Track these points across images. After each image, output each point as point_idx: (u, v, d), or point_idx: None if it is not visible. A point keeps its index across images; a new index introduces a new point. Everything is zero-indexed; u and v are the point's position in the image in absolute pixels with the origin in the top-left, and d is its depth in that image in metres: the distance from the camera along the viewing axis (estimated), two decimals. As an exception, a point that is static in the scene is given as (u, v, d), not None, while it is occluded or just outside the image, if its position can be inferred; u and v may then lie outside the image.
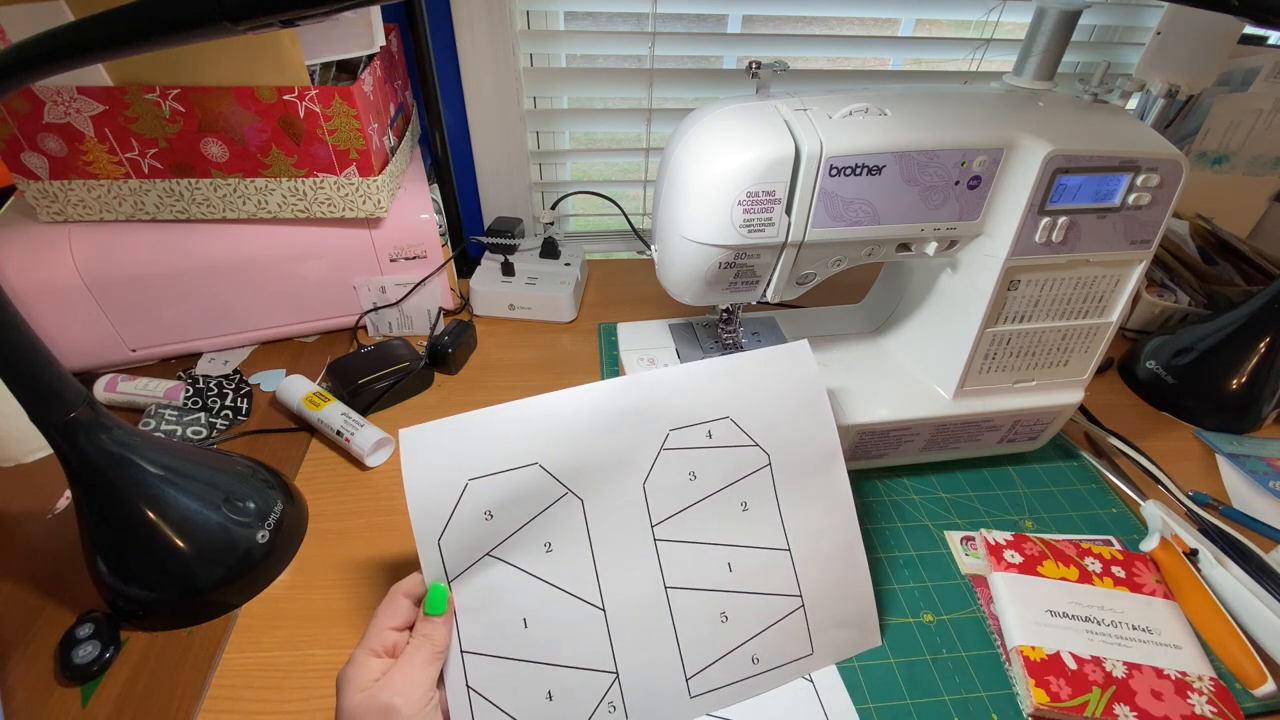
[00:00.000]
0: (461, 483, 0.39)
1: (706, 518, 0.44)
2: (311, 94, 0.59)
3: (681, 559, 0.43)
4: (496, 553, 0.40)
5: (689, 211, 0.48)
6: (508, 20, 0.76)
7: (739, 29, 0.91)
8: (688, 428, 0.44)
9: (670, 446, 0.44)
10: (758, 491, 0.45)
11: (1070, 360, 0.57)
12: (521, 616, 0.40)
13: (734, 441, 0.45)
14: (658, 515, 0.43)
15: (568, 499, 0.42)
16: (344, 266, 0.71)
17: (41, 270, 0.63)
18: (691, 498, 0.44)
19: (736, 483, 0.45)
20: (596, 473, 0.42)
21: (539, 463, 0.41)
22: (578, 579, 0.41)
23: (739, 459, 0.45)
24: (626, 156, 0.94)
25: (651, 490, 0.43)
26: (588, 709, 0.40)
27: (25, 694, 0.44)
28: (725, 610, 0.43)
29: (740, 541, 0.44)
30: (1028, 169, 0.46)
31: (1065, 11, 0.48)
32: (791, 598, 0.45)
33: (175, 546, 0.47)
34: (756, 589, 0.44)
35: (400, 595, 0.38)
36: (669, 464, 0.43)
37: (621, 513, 0.43)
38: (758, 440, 0.45)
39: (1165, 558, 0.52)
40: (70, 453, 0.43)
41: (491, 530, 0.40)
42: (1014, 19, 0.84)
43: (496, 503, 0.40)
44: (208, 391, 0.66)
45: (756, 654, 0.44)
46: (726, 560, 0.44)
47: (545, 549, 0.41)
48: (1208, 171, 0.91)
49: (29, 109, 0.58)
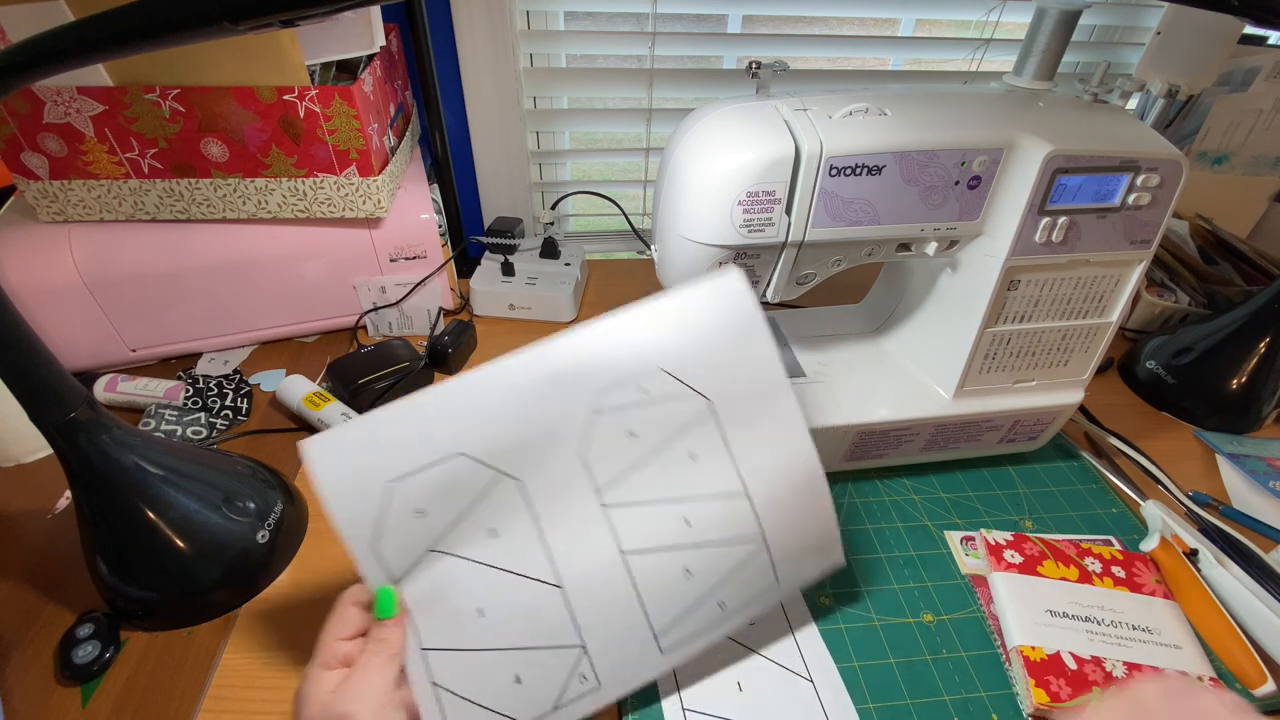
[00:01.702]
0: (383, 485, 0.37)
1: (654, 476, 0.42)
2: (311, 94, 0.59)
3: (634, 522, 0.41)
4: (440, 547, 0.39)
5: (689, 211, 0.48)
6: (508, 20, 0.76)
7: (739, 29, 0.91)
8: (617, 387, 0.41)
9: (602, 409, 0.41)
10: (704, 439, 0.42)
11: (1070, 360, 0.57)
12: (476, 607, 0.39)
13: (670, 392, 0.42)
14: (602, 482, 0.41)
15: (503, 482, 0.40)
16: (344, 266, 0.71)
17: (41, 270, 0.63)
18: (634, 458, 0.41)
19: (680, 434, 0.42)
20: (528, 451, 0.40)
21: (462, 452, 0.39)
22: (528, 560, 0.40)
23: (679, 409, 0.42)
24: (626, 156, 0.94)
25: (590, 458, 0.41)
26: (558, 684, 0.40)
27: (25, 694, 0.44)
28: (688, 566, 0.42)
29: (694, 494, 0.42)
30: (1028, 169, 0.46)
31: (1065, 11, 0.48)
32: (754, 541, 0.43)
33: (175, 546, 0.47)
34: (717, 539, 0.42)
35: (348, 605, 0.37)
36: (605, 428, 0.41)
37: (564, 486, 0.41)
38: (696, 386, 0.42)
39: (1165, 558, 0.52)
40: (70, 453, 0.43)
41: (428, 526, 0.38)
42: (1014, 19, 0.84)
43: (426, 499, 0.38)
44: (208, 391, 0.66)
45: (723, 600, 0.43)
46: (682, 516, 0.42)
47: (490, 535, 0.39)
48: (1208, 171, 0.91)
49: (29, 109, 0.58)
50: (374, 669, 0.35)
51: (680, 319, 0.42)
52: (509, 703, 0.39)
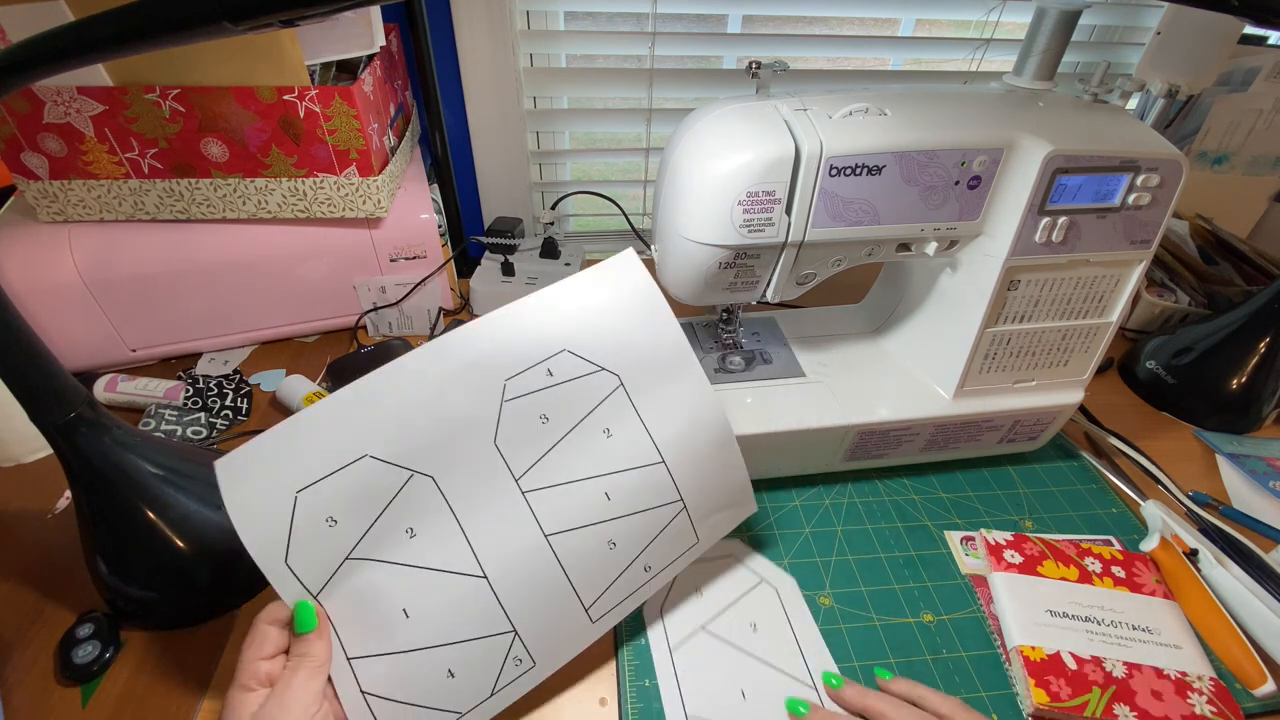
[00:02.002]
0: (289, 498, 0.37)
1: (571, 456, 0.42)
2: (311, 94, 0.59)
3: (556, 504, 0.42)
4: (356, 554, 0.38)
5: (689, 211, 0.48)
6: (508, 20, 0.76)
7: (739, 29, 0.91)
8: (524, 372, 0.41)
9: (511, 397, 0.41)
10: (617, 414, 0.43)
11: (1070, 360, 0.57)
12: (401, 608, 0.38)
13: (578, 372, 0.43)
14: (519, 468, 0.41)
15: (415, 480, 0.39)
16: (344, 266, 0.71)
17: (41, 270, 0.63)
18: (549, 441, 0.42)
19: (592, 412, 0.43)
20: (439, 445, 0.40)
21: (369, 454, 0.38)
22: (450, 555, 0.40)
23: (588, 388, 0.43)
24: (626, 156, 0.94)
25: (505, 445, 0.41)
26: (493, 671, 0.40)
27: (25, 694, 0.44)
28: (612, 539, 0.43)
29: (612, 468, 0.43)
30: (1028, 169, 0.46)
31: (1065, 11, 0.48)
32: (673, 504, 0.45)
33: (175, 546, 0.47)
34: (639, 508, 0.43)
35: (264, 624, 0.37)
36: (515, 414, 0.41)
37: (480, 477, 0.41)
38: (602, 364, 0.43)
39: (1165, 558, 0.52)
40: (70, 453, 0.43)
41: (341, 535, 0.38)
42: (1014, 19, 0.84)
43: (336, 506, 0.38)
44: (208, 391, 0.66)
45: (648, 563, 0.44)
46: (603, 491, 0.43)
47: (408, 535, 0.39)
48: (1208, 171, 0.91)
49: (29, 109, 0.58)
50: (298, 684, 0.35)
51: (580, 300, 0.44)
52: (445, 697, 0.39)
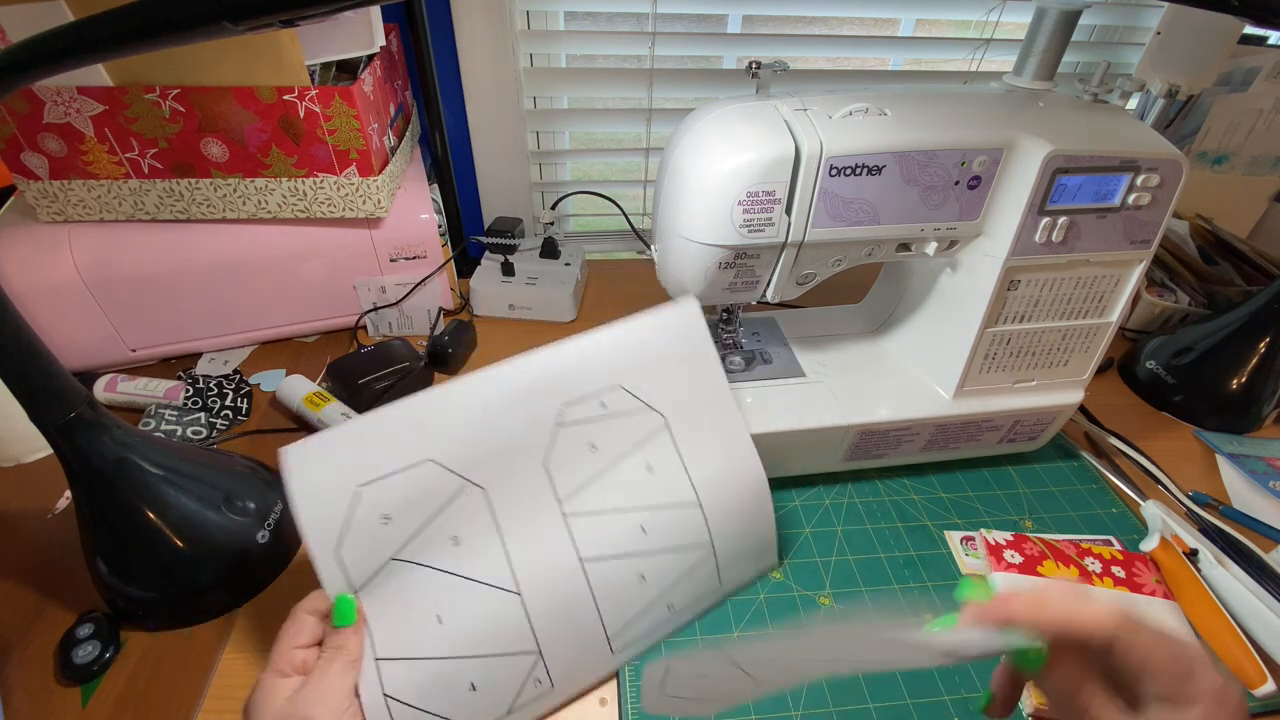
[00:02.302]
0: (351, 490, 0.38)
1: (613, 486, 0.44)
2: (311, 94, 0.59)
3: (594, 531, 0.43)
4: (402, 555, 0.39)
5: (689, 211, 0.48)
6: (508, 20, 0.76)
7: (739, 29, 0.91)
8: (580, 401, 0.44)
9: (565, 422, 0.43)
10: (659, 452, 0.45)
11: (1070, 360, 0.57)
12: (435, 614, 0.39)
13: (628, 408, 0.45)
14: (564, 491, 0.43)
15: (468, 490, 0.41)
16: (344, 266, 0.71)
17: (41, 270, 0.63)
18: (595, 469, 0.44)
19: (637, 447, 0.45)
20: (495, 459, 0.41)
21: (432, 459, 0.40)
22: (490, 568, 0.40)
23: (636, 424, 0.45)
24: (626, 156, 0.94)
25: (553, 468, 0.43)
26: (513, 689, 0.40)
27: (25, 694, 0.44)
28: (643, 572, 0.43)
29: (650, 503, 0.44)
30: (1028, 169, 0.46)
31: (1065, 11, 0.48)
32: (703, 547, 0.46)
33: (175, 546, 0.47)
34: (670, 546, 0.44)
35: (303, 613, 0.37)
36: (567, 440, 0.43)
37: (527, 494, 0.42)
38: (651, 403, 0.45)
39: (1165, 558, 0.52)
40: (70, 453, 0.43)
41: (392, 533, 0.39)
42: (1014, 19, 0.84)
43: (392, 505, 0.39)
44: (208, 391, 0.66)
45: (672, 602, 0.45)
46: (639, 524, 0.44)
47: (453, 543, 0.40)
48: (1208, 171, 0.91)
49: (29, 109, 0.58)
50: (333, 675, 0.35)
51: (639, 342, 0.46)
52: (464, 711, 0.39)
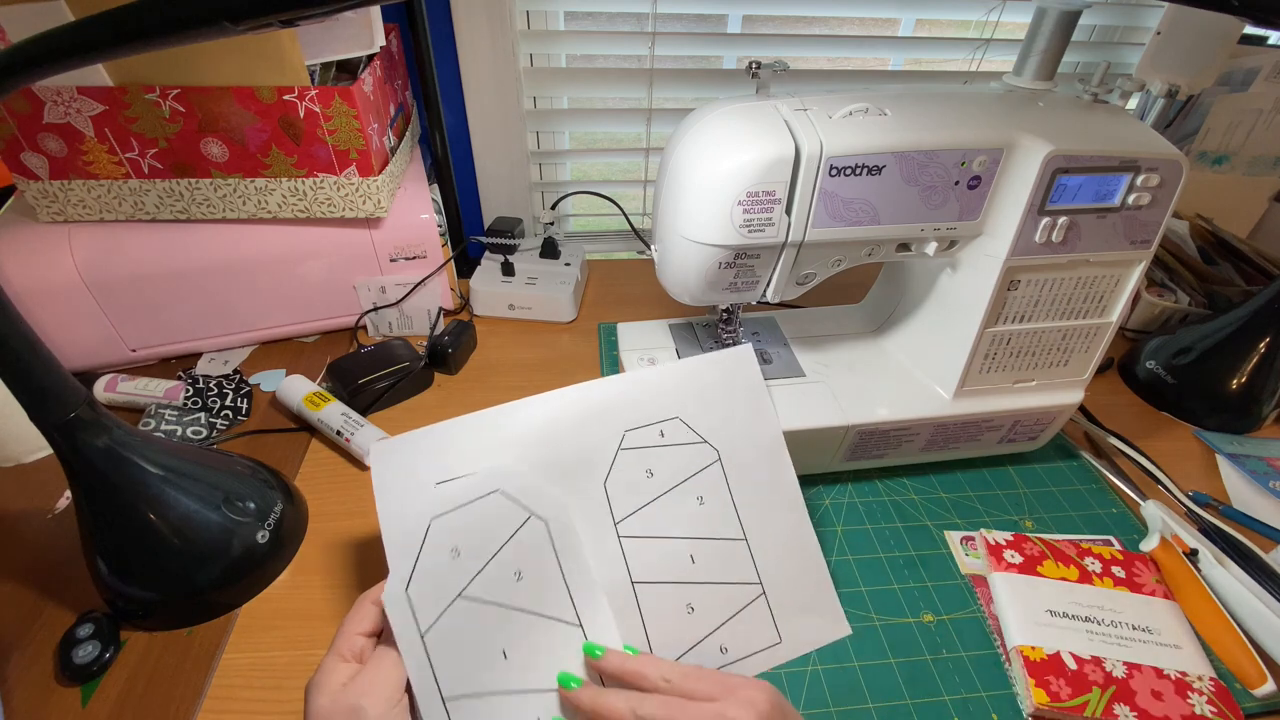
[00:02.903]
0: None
1: (666, 513, 0.46)
2: (311, 94, 0.59)
3: (646, 554, 0.44)
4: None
5: (689, 211, 0.48)
6: (508, 20, 0.76)
7: (739, 29, 0.91)
8: (642, 428, 0.46)
9: (627, 446, 0.45)
10: (711, 485, 0.47)
11: (1070, 360, 0.57)
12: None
13: (685, 439, 0.47)
14: (620, 513, 0.45)
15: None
16: (344, 266, 0.71)
17: (41, 270, 0.63)
18: (650, 494, 0.46)
19: (691, 478, 0.47)
20: (559, 480, 0.43)
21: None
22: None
23: (691, 456, 0.47)
24: (626, 156, 0.94)
25: (613, 489, 0.45)
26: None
27: (25, 694, 0.44)
28: (691, 602, 0.44)
29: (699, 534, 0.46)
30: (1028, 169, 0.46)
31: (1065, 11, 0.48)
32: (751, 585, 0.46)
33: (175, 546, 0.47)
34: (718, 579, 0.46)
35: (369, 603, 0.38)
36: (627, 463, 0.45)
37: (585, 513, 0.44)
38: (706, 437, 0.47)
39: (1165, 558, 0.52)
40: (70, 453, 0.43)
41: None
42: (1014, 19, 0.84)
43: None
44: (208, 391, 0.66)
45: (724, 643, 0.45)
46: (689, 553, 0.45)
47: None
48: (1208, 171, 0.90)
49: (29, 109, 0.58)
50: (387, 665, 0.36)
51: (699, 379, 0.48)
52: None
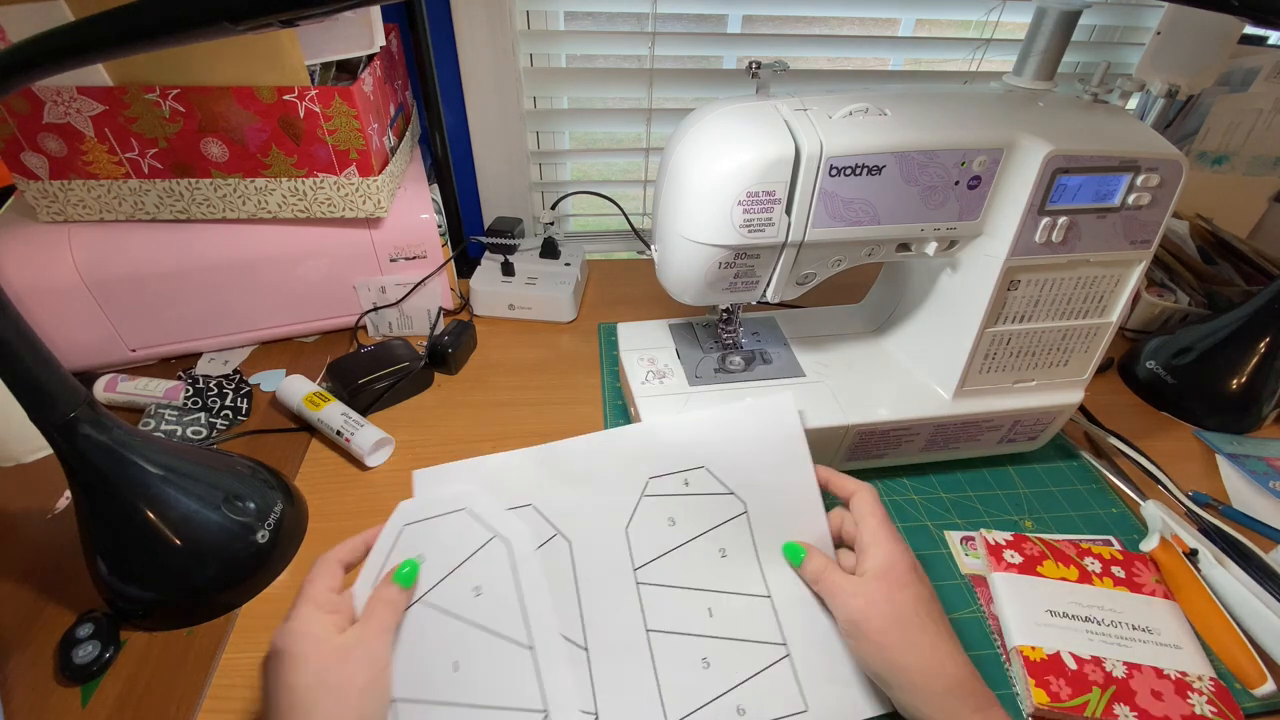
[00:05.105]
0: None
1: (686, 563, 0.45)
2: (311, 94, 0.59)
3: (663, 602, 0.44)
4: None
5: (689, 211, 0.48)
6: (508, 20, 0.76)
7: (739, 29, 0.91)
8: (666, 476, 0.46)
9: (650, 494, 0.45)
10: (735, 539, 0.46)
11: (1070, 360, 0.57)
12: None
13: (710, 489, 0.46)
14: (640, 559, 0.45)
15: (557, 540, 0.43)
16: (344, 266, 0.71)
17: (41, 270, 0.63)
18: (671, 543, 0.45)
19: (713, 529, 0.46)
20: (584, 516, 0.44)
21: (467, 508, 0.43)
22: (565, 619, 0.42)
23: (715, 506, 0.46)
24: (626, 156, 0.94)
25: (633, 534, 0.45)
26: None
27: (25, 694, 0.44)
28: (706, 656, 0.43)
29: (720, 587, 0.45)
30: (1028, 169, 0.46)
31: (1065, 11, 0.48)
32: (775, 645, 0.44)
33: (175, 546, 0.47)
34: (738, 635, 0.44)
35: (333, 561, 0.39)
36: (649, 510, 0.45)
37: (606, 555, 0.44)
38: (733, 489, 0.46)
39: (1165, 558, 0.52)
40: (70, 453, 0.43)
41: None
42: (1014, 19, 0.84)
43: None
44: (208, 391, 0.66)
45: (741, 704, 0.42)
46: (707, 606, 0.44)
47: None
48: (1208, 171, 0.91)
49: (29, 109, 0.58)
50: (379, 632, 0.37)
51: (731, 428, 0.47)
52: None
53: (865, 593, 0.40)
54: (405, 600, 0.39)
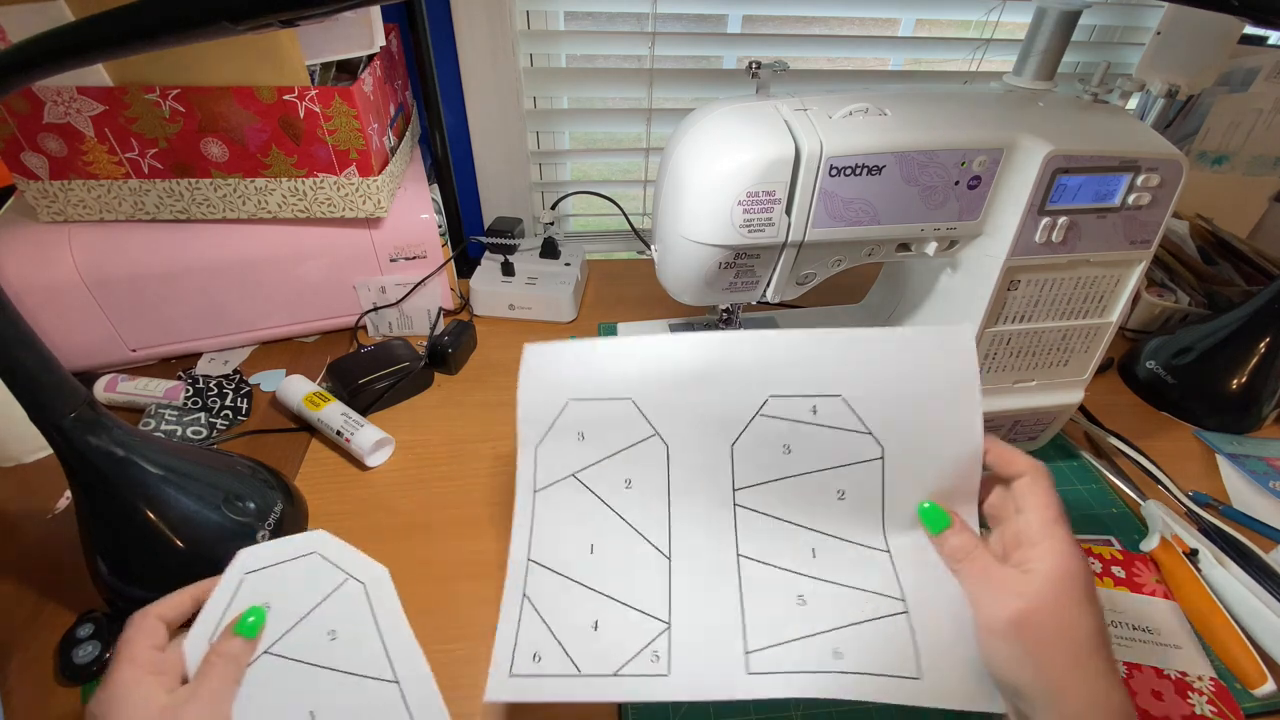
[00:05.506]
0: (563, 401, 0.42)
1: (795, 497, 0.40)
2: (311, 94, 0.59)
3: (760, 531, 0.40)
4: (581, 476, 0.42)
5: (689, 211, 0.48)
6: (508, 20, 0.76)
7: (739, 29, 0.91)
8: (791, 398, 0.39)
9: (768, 414, 0.40)
10: (860, 484, 0.39)
11: (1070, 360, 0.57)
12: (590, 542, 0.41)
13: (842, 424, 0.39)
14: (742, 481, 0.40)
15: (654, 441, 0.41)
16: (344, 266, 0.71)
17: (41, 270, 0.63)
18: (782, 472, 0.40)
19: (837, 469, 0.39)
20: (687, 423, 0.41)
21: (632, 399, 0.41)
22: (649, 521, 0.41)
23: (845, 444, 0.39)
24: (626, 156, 0.94)
25: (739, 454, 0.40)
26: (630, 651, 0.38)
27: (25, 694, 0.44)
28: (803, 594, 0.39)
29: (830, 531, 0.40)
30: (1028, 169, 0.46)
31: (1065, 11, 0.48)
32: (891, 599, 0.38)
33: (175, 546, 0.47)
34: (844, 582, 0.39)
35: (152, 617, 0.35)
36: (763, 431, 0.40)
37: (705, 468, 0.41)
38: (872, 429, 0.39)
39: (1165, 558, 0.52)
40: (70, 453, 0.43)
41: (581, 452, 0.42)
42: (1014, 19, 0.84)
43: (590, 426, 0.42)
44: (208, 391, 0.66)
45: (840, 648, 0.37)
46: (811, 546, 0.40)
47: (625, 485, 0.41)
48: (1208, 171, 0.91)
49: (29, 109, 0.58)
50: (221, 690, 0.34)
51: (884, 355, 0.39)
52: (579, 645, 0.39)
53: (1033, 594, 0.34)
54: (250, 652, 0.36)
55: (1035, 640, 0.33)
